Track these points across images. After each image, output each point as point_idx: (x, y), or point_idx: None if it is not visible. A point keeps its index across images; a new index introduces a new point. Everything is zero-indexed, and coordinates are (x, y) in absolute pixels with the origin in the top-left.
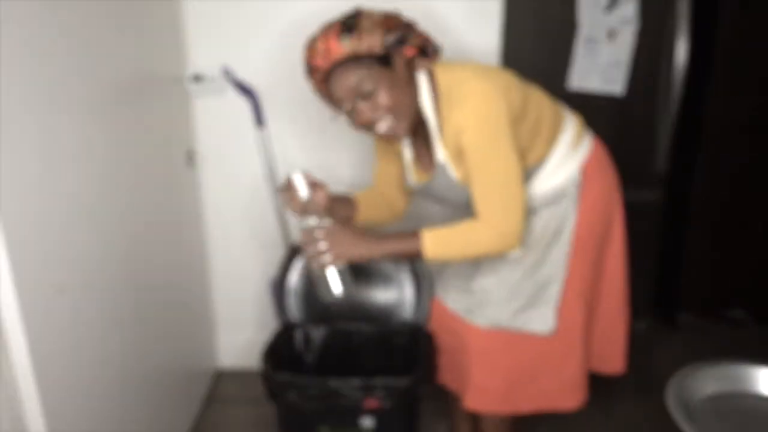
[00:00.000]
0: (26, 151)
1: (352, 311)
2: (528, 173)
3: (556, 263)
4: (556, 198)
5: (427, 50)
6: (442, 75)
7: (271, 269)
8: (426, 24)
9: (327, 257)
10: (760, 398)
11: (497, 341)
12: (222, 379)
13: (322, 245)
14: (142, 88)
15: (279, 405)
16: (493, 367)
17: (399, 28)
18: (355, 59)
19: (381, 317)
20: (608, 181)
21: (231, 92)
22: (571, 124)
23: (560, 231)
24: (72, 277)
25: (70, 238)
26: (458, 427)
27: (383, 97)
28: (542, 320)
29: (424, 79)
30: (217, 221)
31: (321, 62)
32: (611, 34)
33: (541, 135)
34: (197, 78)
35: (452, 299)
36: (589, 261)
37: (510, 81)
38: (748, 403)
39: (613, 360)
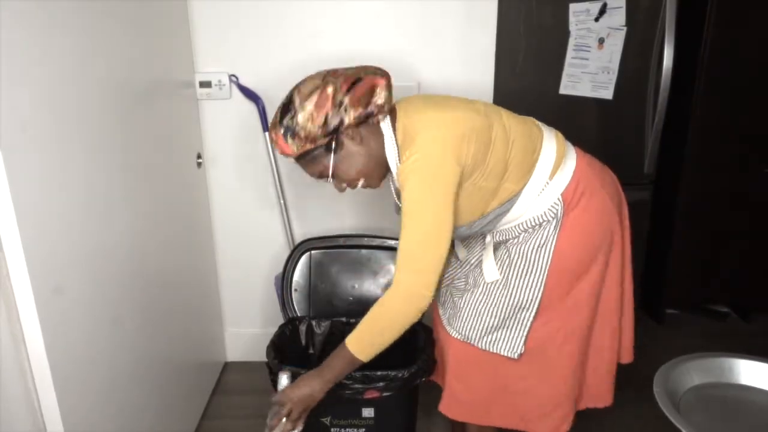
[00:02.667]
0: (42, 152)
1: (353, 306)
2: (501, 208)
3: (532, 290)
4: (535, 225)
5: (371, 113)
6: (402, 119)
7: (276, 267)
8: (422, 32)
9: (297, 416)
10: (742, 388)
11: (469, 355)
12: (230, 370)
13: (288, 410)
14: (155, 93)
15: None
16: (466, 379)
17: (333, 108)
18: (307, 154)
19: None
20: (598, 204)
21: (237, 98)
22: (549, 152)
23: (538, 258)
24: (87, 275)
25: (85, 237)
26: (455, 422)
27: (345, 175)
28: (510, 344)
29: (387, 126)
30: (225, 222)
31: (283, 155)
32: (600, 41)
33: (509, 173)
34: (205, 84)
35: (440, 306)
36: (569, 290)
37: (470, 126)
38: (730, 393)
39: (603, 393)
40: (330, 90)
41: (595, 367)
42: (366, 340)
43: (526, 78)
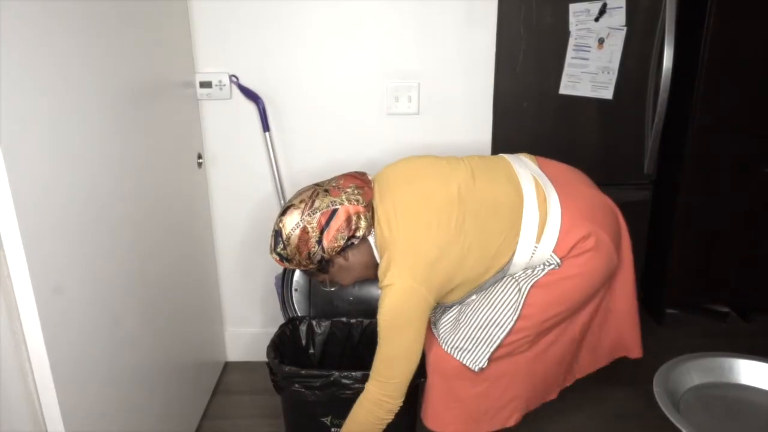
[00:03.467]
0: (42, 152)
1: (353, 306)
2: (496, 276)
3: (507, 312)
4: (532, 268)
5: (351, 244)
6: (378, 229)
7: (277, 267)
8: (422, 32)
9: None
10: (742, 388)
11: (435, 370)
12: (230, 370)
13: None
14: (155, 93)
15: (284, 396)
16: (433, 390)
17: (314, 246)
18: (305, 271)
19: None
20: (599, 251)
21: (237, 98)
22: (531, 215)
23: (523, 287)
24: (87, 275)
25: (85, 237)
26: None
27: (343, 281)
28: (476, 358)
29: (373, 237)
30: (225, 221)
31: None
32: (600, 41)
33: (496, 253)
34: (205, 84)
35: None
36: (548, 319)
37: (439, 248)
38: (730, 393)
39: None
40: (308, 229)
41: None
42: None
43: (526, 78)
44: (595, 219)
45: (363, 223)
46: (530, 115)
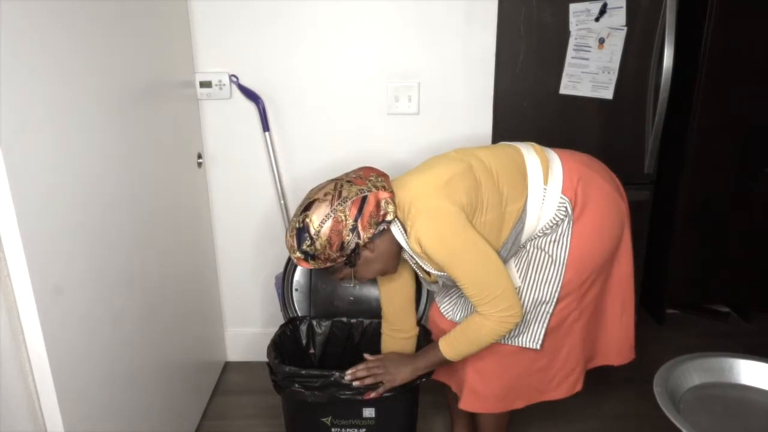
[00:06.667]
0: (42, 152)
1: (354, 306)
2: (515, 229)
3: (552, 284)
4: (553, 226)
5: (383, 229)
6: (398, 195)
7: (277, 266)
8: (422, 32)
9: (384, 383)
10: (742, 388)
11: (489, 351)
12: (230, 370)
13: (379, 373)
14: (155, 93)
15: (284, 397)
16: (486, 373)
17: (348, 235)
18: (329, 268)
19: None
20: (599, 190)
21: (237, 98)
22: (533, 163)
23: (555, 252)
24: (87, 275)
25: (85, 237)
26: (456, 418)
27: (366, 275)
28: (532, 337)
29: (396, 225)
30: (225, 222)
31: None
32: (601, 41)
33: (507, 197)
34: (205, 84)
35: (448, 309)
36: (587, 279)
37: (450, 174)
38: (730, 393)
39: (624, 351)
40: (342, 217)
41: (613, 332)
42: (458, 349)
43: (527, 78)
44: (595, 169)
45: (391, 208)
46: (530, 115)
